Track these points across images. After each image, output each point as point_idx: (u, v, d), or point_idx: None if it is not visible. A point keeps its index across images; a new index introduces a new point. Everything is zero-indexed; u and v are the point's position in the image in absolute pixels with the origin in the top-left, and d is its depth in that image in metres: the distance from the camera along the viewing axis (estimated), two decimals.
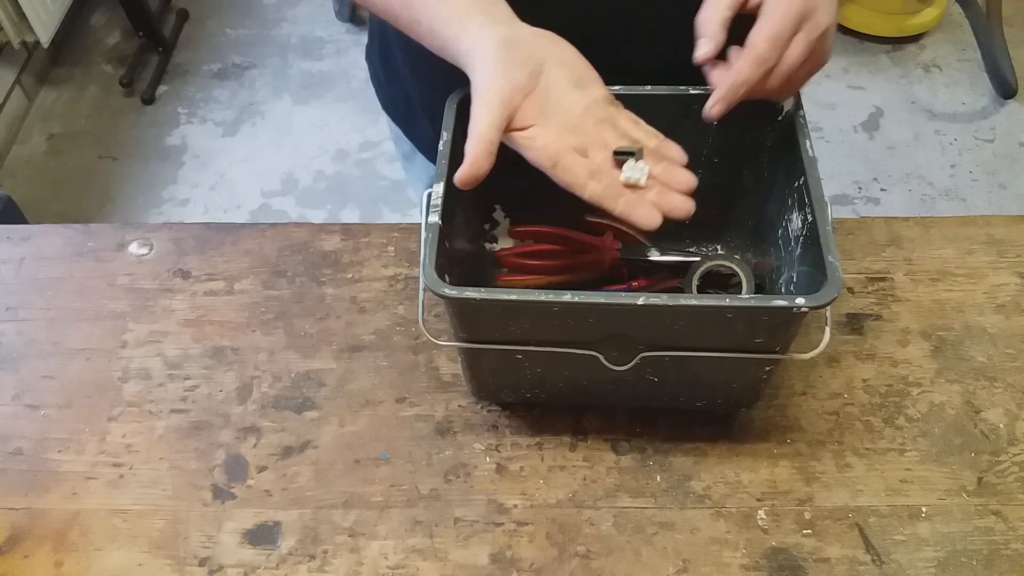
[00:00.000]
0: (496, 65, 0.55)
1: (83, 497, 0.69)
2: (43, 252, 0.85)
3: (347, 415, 0.73)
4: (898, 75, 2.25)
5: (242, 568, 0.65)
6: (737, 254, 0.77)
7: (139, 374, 0.76)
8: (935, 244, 0.82)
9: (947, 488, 0.67)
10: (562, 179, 0.56)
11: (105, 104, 2.24)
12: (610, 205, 0.55)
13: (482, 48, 0.56)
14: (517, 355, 0.63)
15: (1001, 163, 2.05)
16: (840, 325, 0.76)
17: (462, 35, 0.57)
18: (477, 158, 0.53)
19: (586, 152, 0.56)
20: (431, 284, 0.56)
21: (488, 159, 0.53)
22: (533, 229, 0.79)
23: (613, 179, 0.56)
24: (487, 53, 0.56)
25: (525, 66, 0.56)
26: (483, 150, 0.53)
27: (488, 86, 0.55)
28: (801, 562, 0.64)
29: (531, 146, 0.56)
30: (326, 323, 0.78)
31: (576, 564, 0.65)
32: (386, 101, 0.92)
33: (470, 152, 0.53)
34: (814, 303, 0.54)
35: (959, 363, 0.74)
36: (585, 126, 0.57)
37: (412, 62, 0.82)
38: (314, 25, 2.44)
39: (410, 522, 0.67)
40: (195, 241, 0.85)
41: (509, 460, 0.70)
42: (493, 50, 0.56)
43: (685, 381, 0.66)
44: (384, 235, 0.84)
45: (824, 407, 0.72)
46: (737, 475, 0.68)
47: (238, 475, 0.70)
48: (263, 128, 2.18)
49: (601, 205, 0.55)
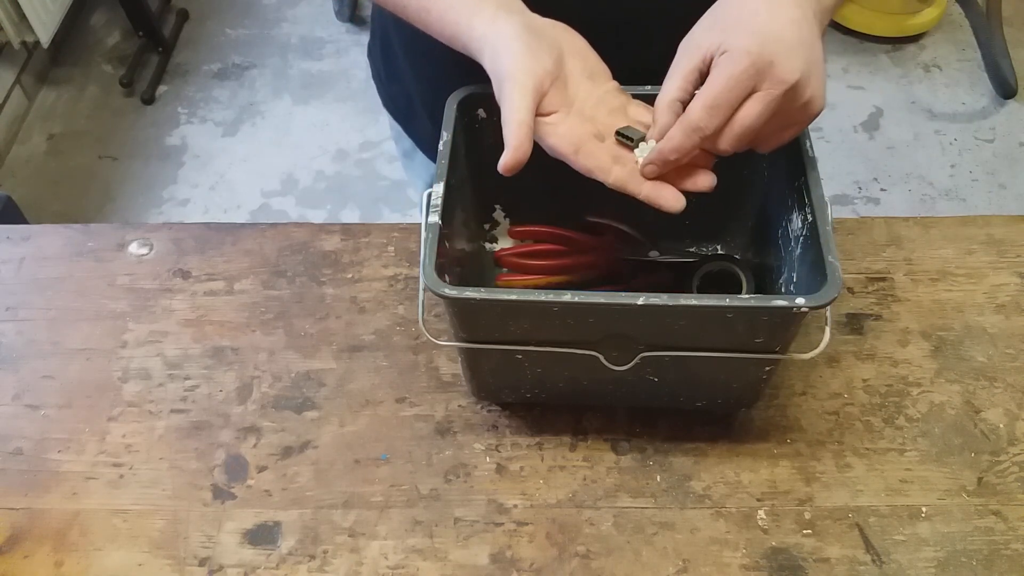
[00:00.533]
0: (525, 50, 0.55)
1: (83, 497, 0.69)
2: (43, 252, 0.85)
3: (347, 415, 0.73)
4: (898, 75, 2.25)
5: (242, 568, 0.65)
6: (737, 254, 0.77)
7: (139, 374, 0.76)
8: (935, 244, 0.82)
9: (947, 488, 0.67)
10: (584, 165, 0.55)
11: (105, 104, 2.24)
12: (635, 189, 0.55)
13: (506, 34, 0.55)
14: (517, 355, 0.63)
15: (1001, 163, 2.05)
16: (840, 325, 0.76)
17: (475, 22, 0.57)
18: (521, 143, 0.53)
19: (603, 139, 0.57)
20: (431, 284, 0.56)
21: (530, 143, 0.53)
22: (533, 229, 0.79)
23: (632, 164, 0.57)
24: (513, 38, 0.55)
25: (551, 53, 0.56)
26: (526, 134, 0.53)
27: (521, 68, 0.54)
28: (801, 562, 0.64)
29: (553, 132, 0.56)
30: (326, 323, 0.78)
31: (576, 564, 0.65)
32: (387, 99, 0.92)
33: (513, 138, 0.53)
34: (814, 303, 0.54)
35: (959, 363, 0.74)
36: (599, 115, 0.58)
37: (413, 60, 0.82)
38: (314, 25, 2.44)
39: (410, 522, 0.67)
40: (195, 241, 0.85)
41: (509, 460, 0.70)
42: (520, 35, 0.55)
43: (685, 381, 0.66)
44: (384, 235, 0.84)
45: (824, 407, 0.72)
46: (737, 475, 0.68)
47: (238, 475, 0.70)
48: (263, 128, 2.18)
49: (625, 189, 0.55)
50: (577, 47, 0.59)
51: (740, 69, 0.51)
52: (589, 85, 0.58)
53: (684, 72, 0.54)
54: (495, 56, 0.56)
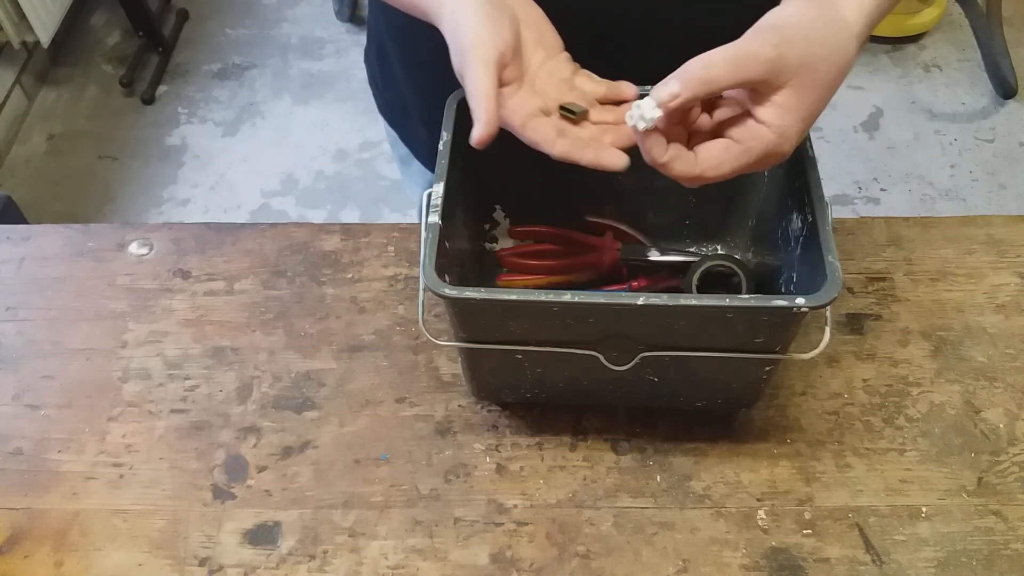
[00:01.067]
0: (486, 20, 0.55)
1: (83, 497, 0.69)
2: (43, 252, 0.85)
3: (347, 415, 0.73)
4: (898, 75, 2.25)
5: (242, 568, 0.65)
6: (737, 254, 0.77)
7: (139, 374, 0.76)
8: (935, 244, 0.82)
9: (947, 488, 0.67)
10: (531, 138, 0.56)
11: (105, 104, 2.24)
12: (578, 157, 0.55)
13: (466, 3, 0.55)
14: (517, 355, 0.63)
15: (1001, 163, 2.05)
16: (840, 325, 0.76)
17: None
18: (492, 117, 0.53)
19: (549, 113, 0.58)
20: (431, 284, 0.56)
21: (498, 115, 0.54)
22: (533, 229, 0.79)
23: (576, 134, 0.57)
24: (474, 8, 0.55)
25: (511, 24, 0.56)
26: (495, 107, 0.53)
27: (483, 41, 0.54)
28: (801, 562, 0.64)
29: (504, 104, 0.56)
30: (326, 323, 0.78)
31: (576, 564, 0.65)
32: (383, 105, 0.92)
33: (484, 112, 0.53)
34: (814, 303, 0.54)
35: (959, 363, 0.74)
36: (548, 88, 0.58)
37: (408, 69, 0.82)
38: (314, 25, 2.44)
39: (410, 522, 0.67)
40: (195, 241, 0.85)
41: (509, 460, 0.70)
42: (481, 5, 0.55)
43: (685, 381, 0.66)
44: (384, 235, 0.84)
45: (824, 407, 0.72)
46: (737, 475, 0.68)
47: (238, 475, 0.70)
48: (263, 128, 2.18)
49: (569, 159, 0.55)
50: (533, 17, 0.59)
51: (770, 161, 0.53)
52: (542, 55, 0.59)
53: (746, 81, 0.51)
54: (455, 26, 0.56)
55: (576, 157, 0.55)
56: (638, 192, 0.75)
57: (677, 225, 0.78)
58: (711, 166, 0.53)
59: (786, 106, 0.51)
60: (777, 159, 0.54)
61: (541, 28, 0.60)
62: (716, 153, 0.53)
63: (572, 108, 0.57)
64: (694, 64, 0.50)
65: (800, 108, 0.52)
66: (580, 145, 0.56)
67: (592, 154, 0.55)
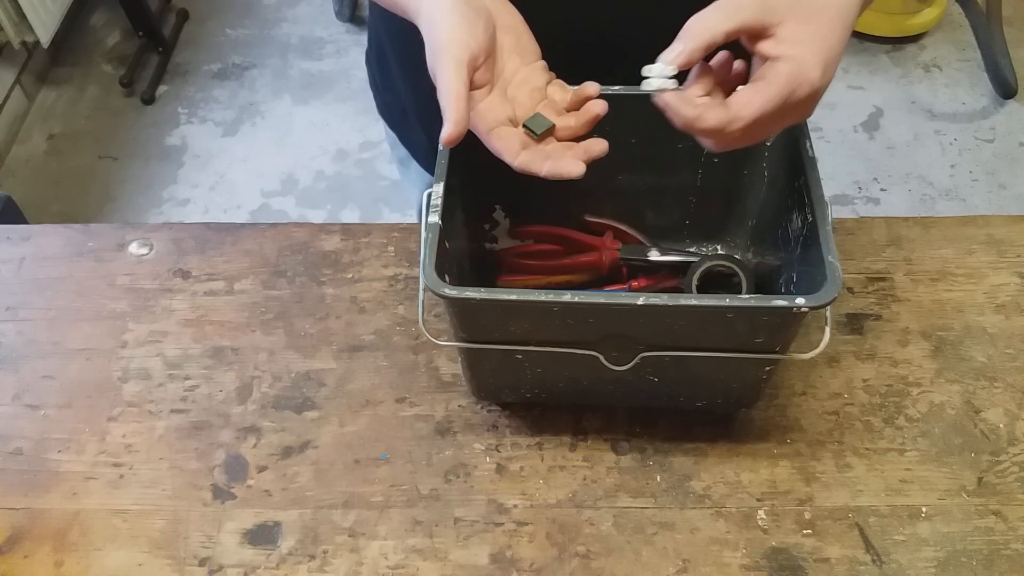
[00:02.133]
0: (461, 21, 0.55)
1: (83, 497, 0.69)
2: (43, 252, 0.85)
3: (347, 415, 0.73)
4: (898, 75, 2.25)
5: (242, 568, 0.65)
6: (737, 254, 0.77)
7: (139, 374, 0.76)
8: (935, 244, 0.82)
9: (947, 488, 0.67)
10: (495, 146, 0.56)
11: (105, 104, 2.24)
12: (536, 168, 0.56)
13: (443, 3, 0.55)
14: (517, 355, 0.63)
15: (1001, 163, 2.05)
16: (840, 325, 0.76)
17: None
18: (462, 117, 0.53)
19: (517, 123, 0.58)
20: (431, 284, 0.56)
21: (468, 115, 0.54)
22: (533, 229, 0.79)
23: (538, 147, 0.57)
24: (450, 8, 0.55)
25: (486, 27, 0.56)
26: (465, 108, 0.53)
27: (456, 41, 0.54)
28: (801, 562, 0.64)
29: (473, 108, 0.56)
30: (326, 323, 0.78)
31: (576, 564, 0.65)
32: (382, 107, 0.92)
33: (454, 112, 0.53)
34: (814, 303, 0.54)
35: (959, 363, 0.74)
36: (520, 96, 0.59)
37: (407, 72, 0.82)
38: (314, 25, 2.44)
39: (410, 522, 0.67)
40: (195, 241, 0.85)
41: (509, 460, 0.70)
42: (457, 6, 0.55)
43: (685, 381, 0.66)
44: (384, 235, 0.84)
45: (824, 407, 0.72)
46: (737, 475, 0.68)
47: (238, 475, 0.70)
48: (263, 128, 2.18)
49: (529, 170, 0.56)
50: (511, 22, 0.59)
51: (801, 93, 0.53)
52: (517, 61, 0.59)
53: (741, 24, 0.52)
54: (431, 25, 0.56)
55: (535, 169, 0.56)
56: (638, 192, 0.75)
57: (677, 225, 0.78)
58: (741, 104, 0.52)
59: (791, 38, 0.52)
60: (808, 90, 0.53)
61: (519, 34, 0.60)
62: (742, 92, 0.53)
63: (534, 128, 0.58)
64: (690, 21, 0.52)
65: (808, 38, 0.52)
66: (540, 156, 0.56)
67: (551, 165, 0.56)
